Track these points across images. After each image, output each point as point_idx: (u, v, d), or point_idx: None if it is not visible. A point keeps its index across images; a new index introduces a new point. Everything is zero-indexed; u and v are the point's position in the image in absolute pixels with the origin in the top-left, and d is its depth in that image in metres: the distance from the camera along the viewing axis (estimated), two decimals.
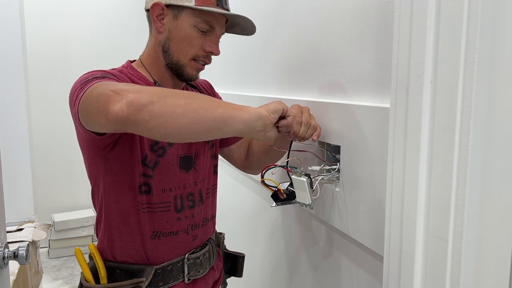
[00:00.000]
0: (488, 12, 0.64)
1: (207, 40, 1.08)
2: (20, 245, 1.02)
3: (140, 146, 1.05)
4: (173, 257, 1.12)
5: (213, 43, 1.09)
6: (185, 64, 1.08)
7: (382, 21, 0.99)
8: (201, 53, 1.09)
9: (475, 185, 0.68)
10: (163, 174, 1.08)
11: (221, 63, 2.10)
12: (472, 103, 0.66)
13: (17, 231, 2.14)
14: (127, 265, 1.09)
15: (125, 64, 1.14)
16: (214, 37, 1.10)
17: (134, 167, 1.05)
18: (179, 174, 1.12)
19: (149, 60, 1.12)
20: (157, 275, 1.09)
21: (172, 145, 1.10)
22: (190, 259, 1.14)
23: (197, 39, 1.07)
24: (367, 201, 1.03)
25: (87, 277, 1.10)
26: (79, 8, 3.74)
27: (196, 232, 1.16)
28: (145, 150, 1.05)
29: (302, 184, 1.11)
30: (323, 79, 1.24)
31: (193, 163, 1.15)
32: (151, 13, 1.07)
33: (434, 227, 0.75)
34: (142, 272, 1.08)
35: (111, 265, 1.10)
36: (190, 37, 1.06)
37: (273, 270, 1.65)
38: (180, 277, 1.13)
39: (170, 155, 1.09)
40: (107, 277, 1.09)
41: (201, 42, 1.07)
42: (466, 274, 0.70)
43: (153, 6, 1.06)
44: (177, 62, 1.08)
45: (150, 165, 1.06)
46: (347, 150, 1.10)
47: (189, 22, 1.05)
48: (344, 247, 1.17)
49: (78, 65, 3.72)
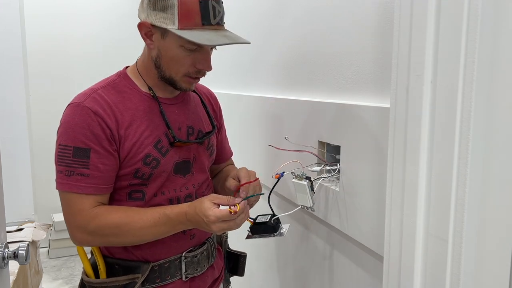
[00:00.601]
0: (488, 12, 0.64)
1: (197, 57, 1.06)
2: (20, 245, 1.02)
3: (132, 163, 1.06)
4: (170, 255, 1.13)
5: (203, 59, 1.07)
6: (178, 80, 1.08)
7: (382, 21, 0.99)
8: (192, 69, 1.07)
9: (475, 185, 0.68)
10: (157, 182, 1.10)
11: (221, 63, 2.10)
12: (472, 103, 0.66)
13: (17, 231, 2.14)
14: (125, 261, 1.11)
15: (120, 72, 1.14)
16: (205, 53, 1.07)
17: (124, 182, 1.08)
18: (174, 178, 1.12)
19: (144, 69, 1.12)
20: (154, 272, 1.11)
21: (166, 155, 1.09)
22: (188, 257, 1.15)
23: (186, 58, 1.05)
24: (367, 201, 1.03)
25: (88, 272, 1.13)
26: (79, 8, 3.74)
27: (194, 231, 1.16)
28: (137, 165, 1.06)
29: (303, 188, 1.11)
30: (323, 79, 1.24)
31: (190, 167, 1.16)
32: (139, 32, 1.06)
33: (434, 227, 0.75)
34: (139, 268, 1.10)
35: (110, 261, 1.13)
36: (178, 57, 1.04)
37: (274, 269, 1.65)
38: (178, 274, 1.14)
39: (164, 165, 1.09)
40: (106, 272, 1.12)
41: (191, 60, 1.05)
42: (466, 274, 0.70)
43: (140, 25, 1.05)
44: (169, 78, 1.08)
45: (144, 177, 1.07)
46: (347, 150, 1.10)
47: (176, 43, 1.02)
48: (344, 247, 1.17)
49: (78, 65, 3.72)
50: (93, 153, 1.01)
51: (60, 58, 3.71)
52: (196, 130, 1.18)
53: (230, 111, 1.96)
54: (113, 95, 1.07)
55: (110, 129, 1.03)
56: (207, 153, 1.21)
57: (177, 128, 1.12)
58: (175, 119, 1.13)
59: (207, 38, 1.00)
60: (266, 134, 1.60)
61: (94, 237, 1.04)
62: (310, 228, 1.36)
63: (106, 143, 1.02)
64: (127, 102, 1.08)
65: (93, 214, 1.02)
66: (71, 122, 1.02)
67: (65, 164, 1.01)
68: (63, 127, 1.03)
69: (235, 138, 1.90)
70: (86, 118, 1.01)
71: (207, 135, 1.19)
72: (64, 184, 1.02)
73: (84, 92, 1.08)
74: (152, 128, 1.08)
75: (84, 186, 1.01)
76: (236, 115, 1.89)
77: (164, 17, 1.00)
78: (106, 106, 1.04)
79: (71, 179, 1.01)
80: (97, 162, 1.02)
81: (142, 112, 1.08)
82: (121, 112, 1.05)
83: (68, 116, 1.04)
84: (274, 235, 1.11)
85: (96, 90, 1.07)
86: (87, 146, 1.01)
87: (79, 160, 1.01)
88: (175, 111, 1.14)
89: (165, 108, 1.11)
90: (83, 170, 1.01)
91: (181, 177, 1.13)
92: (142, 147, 1.06)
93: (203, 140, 1.17)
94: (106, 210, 1.04)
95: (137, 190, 1.09)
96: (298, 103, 1.35)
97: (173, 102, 1.15)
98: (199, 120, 1.21)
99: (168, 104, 1.13)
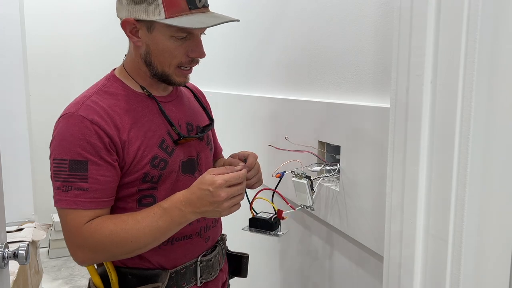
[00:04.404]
0: (488, 12, 0.64)
1: (189, 45, 1.01)
2: (20, 245, 1.01)
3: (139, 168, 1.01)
4: (186, 261, 1.09)
5: (195, 47, 1.02)
6: (171, 73, 1.03)
7: (382, 21, 0.99)
8: (185, 59, 1.02)
9: (475, 185, 0.68)
10: (167, 184, 1.04)
11: (221, 63, 2.10)
12: (472, 103, 0.66)
13: (17, 231, 2.14)
14: (139, 271, 1.05)
15: (109, 76, 1.08)
16: (196, 40, 1.02)
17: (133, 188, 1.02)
18: (183, 178, 1.08)
19: (133, 69, 1.06)
20: (171, 279, 1.06)
21: (172, 154, 1.05)
22: (203, 261, 1.11)
23: (178, 48, 1.00)
24: (367, 201, 1.03)
25: (97, 284, 1.07)
26: (79, 8, 3.74)
27: (208, 234, 1.14)
28: (145, 169, 1.00)
29: (303, 186, 1.11)
30: (323, 79, 1.24)
31: (197, 165, 1.12)
32: (124, 30, 1.01)
33: (434, 227, 0.75)
34: (157, 277, 1.04)
35: (122, 271, 1.06)
36: (169, 48, 0.99)
37: (274, 269, 1.65)
38: (193, 280, 1.10)
39: (172, 165, 1.04)
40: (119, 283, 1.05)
41: (183, 49, 1.01)
42: (466, 274, 0.70)
43: (124, 24, 0.99)
44: (162, 73, 1.03)
45: (154, 180, 1.02)
46: (347, 150, 1.10)
47: (165, 34, 0.98)
48: (344, 247, 1.17)
49: (78, 64, 3.72)
50: (91, 165, 0.94)
51: (60, 58, 3.72)
52: (195, 125, 1.15)
53: (230, 111, 1.96)
54: (108, 99, 1.01)
55: (109, 137, 0.96)
56: (208, 149, 1.19)
57: (177, 125, 1.09)
58: (174, 117, 1.09)
59: (198, 21, 0.96)
60: (266, 134, 1.60)
61: (96, 254, 0.97)
62: (310, 228, 1.36)
63: (104, 154, 0.95)
64: (124, 104, 1.02)
65: (91, 228, 0.95)
66: (65, 134, 0.95)
67: (62, 180, 0.94)
68: (56, 140, 0.96)
69: (235, 138, 1.90)
70: (82, 128, 0.94)
71: (207, 127, 1.16)
72: (62, 201, 0.94)
73: (75, 101, 1.01)
74: (154, 129, 1.03)
75: (83, 201, 0.94)
76: (236, 115, 1.89)
77: (148, 9, 0.95)
78: (102, 112, 0.98)
79: (69, 194, 0.94)
80: (96, 174, 0.95)
81: (141, 113, 1.03)
82: (119, 116, 1.00)
83: (61, 128, 0.96)
84: (270, 233, 1.11)
85: (89, 97, 1.00)
86: (84, 158, 0.94)
87: (77, 174, 0.94)
88: (172, 109, 1.10)
89: (163, 106, 1.07)
90: (82, 184, 0.94)
91: (190, 176, 1.09)
92: (148, 149, 1.01)
93: (205, 132, 1.15)
94: (101, 220, 0.96)
95: (147, 195, 1.03)
96: (298, 103, 1.35)
97: (169, 100, 1.11)
98: (195, 115, 1.18)
99: (164, 102, 1.09)
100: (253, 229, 1.12)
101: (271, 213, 1.12)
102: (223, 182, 0.92)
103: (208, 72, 2.20)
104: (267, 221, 1.10)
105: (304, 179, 1.10)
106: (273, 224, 1.10)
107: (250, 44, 1.78)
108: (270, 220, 1.10)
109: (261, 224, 1.11)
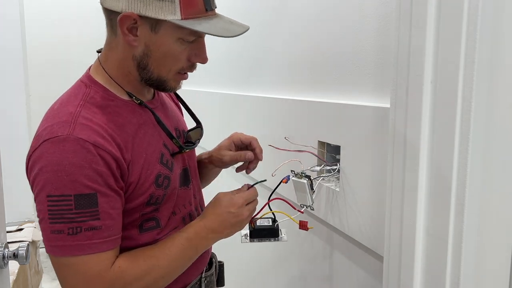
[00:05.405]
0: (488, 12, 0.64)
1: (193, 49, 0.89)
2: (20, 245, 1.02)
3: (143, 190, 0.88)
4: (192, 279, 1.02)
5: (199, 51, 0.90)
6: (168, 79, 0.90)
7: (382, 21, 0.99)
8: (187, 64, 0.90)
9: (475, 185, 0.68)
10: (170, 202, 0.94)
11: (221, 63, 2.10)
12: (472, 103, 0.66)
13: (17, 231, 2.15)
14: None
15: (87, 81, 0.89)
16: (201, 44, 0.90)
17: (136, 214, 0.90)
18: (181, 192, 0.97)
19: (119, 72, 0.90)
20: None
21: (173, 169, 0.94)
22: (207, 277, 1.06)
23: (183, 52, 0.87)
24: (367, 201, 1.03)
25: None
26: (79, 8, 3.74)
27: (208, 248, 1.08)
28: (150, 190, 0.88)
29: (303, 186, 1.11)
30: (323, 79, 1.24)
31: (189, 175, 1.02)
32: (119, 26, 0.83)
33: (434, 227, 0.75)
34: None
35: None
36: (174, 52, 0.86)
37: (274, 269, 1.65)
38: None
39: (174, 181, 0.93)
40: None
41: (187, 53, 0.88)
42: (466, 274, 0.70)
43: (122, 19, 0.82)
44: (158, 78, 0.89)
45: (158, 201, 0.91)
46: (347, 150, 1.10)
47: (173, 36, 0.84)
48: (344, 247, 1.17)
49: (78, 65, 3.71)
50: (100, 198, 0.79)
51: (60, 58, 3.72)
52: (181, 131, 1.04)
53: (231, 111, 1.96)
54: (99, 115, 0.84)
55: (115, 159, 0.81)
56: (194, 153, 1.11)
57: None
58: (167, 125, 0.95)
59: (222, 27, 0.85)
60: (266, 134, 1.60)
61: None
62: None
63: (112, 181, 0.81)
64: (117, 119, 0.86)
65: (116, 272, 0.81)
66: (62, 163, 0.76)
67: (66, 221, 0.77)
68: (47, 172, 0.77)
69: None
70: (85, 154, 0.78)
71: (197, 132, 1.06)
72: (71, 247, 0.77)
73: (61, 119, 0.81)
74: (153, 142, 0.90)
75: (99, 242, 0.79)
76: (236, 115, 1.89)
77: (159, 6, 0.80)
78: (102, 131, 0.81)
79: (79, 238, 0.77)
80: (107, 207, 0.80)
81: (136, 126, 0.89)
82: (118, 134, 0.84)
83: (52, 156, 0.77)
84: (276, 239, 1.07)
85: (78, 113, 0.82)
86: (92, 191, 0.78)
87: (86, 211, 0.77)
88: (161, 116, 0.95)
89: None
90: (93, 223, 0.78)
91: (186, 189, 1.00)
92: (151, 167, 0.88)
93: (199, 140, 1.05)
94: (128, 260, 0.83)
95: (149, 219, 0.91)
96: (298, 103, 1.35)
97: (155, 106, 0.97)
98: (178, 119, 1.07)
99: (154, 109, 0.95)
100: (255, 239, 1.07)
101: (267, 218, 1.08)
102: (244, 202, 0.92)
103: (208, 72, 2.20)
104: (272, 229, 1.05)
105: (304, 179, 1.10)
106: (278, 230, 1.07)
107: (250, 44, 1.78)
108: (275, 226, 1.05)
109: (265, 233, 1.06)
